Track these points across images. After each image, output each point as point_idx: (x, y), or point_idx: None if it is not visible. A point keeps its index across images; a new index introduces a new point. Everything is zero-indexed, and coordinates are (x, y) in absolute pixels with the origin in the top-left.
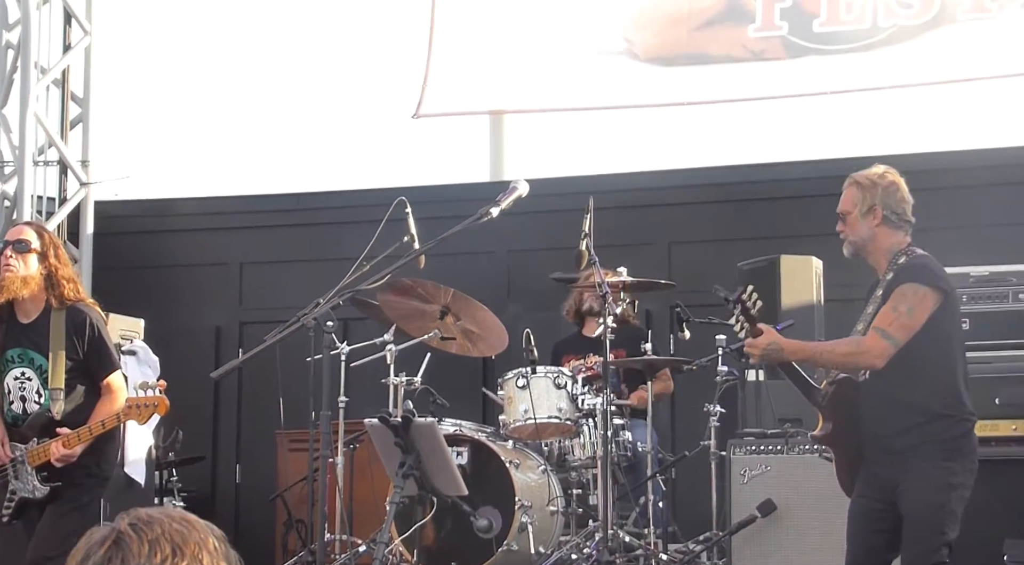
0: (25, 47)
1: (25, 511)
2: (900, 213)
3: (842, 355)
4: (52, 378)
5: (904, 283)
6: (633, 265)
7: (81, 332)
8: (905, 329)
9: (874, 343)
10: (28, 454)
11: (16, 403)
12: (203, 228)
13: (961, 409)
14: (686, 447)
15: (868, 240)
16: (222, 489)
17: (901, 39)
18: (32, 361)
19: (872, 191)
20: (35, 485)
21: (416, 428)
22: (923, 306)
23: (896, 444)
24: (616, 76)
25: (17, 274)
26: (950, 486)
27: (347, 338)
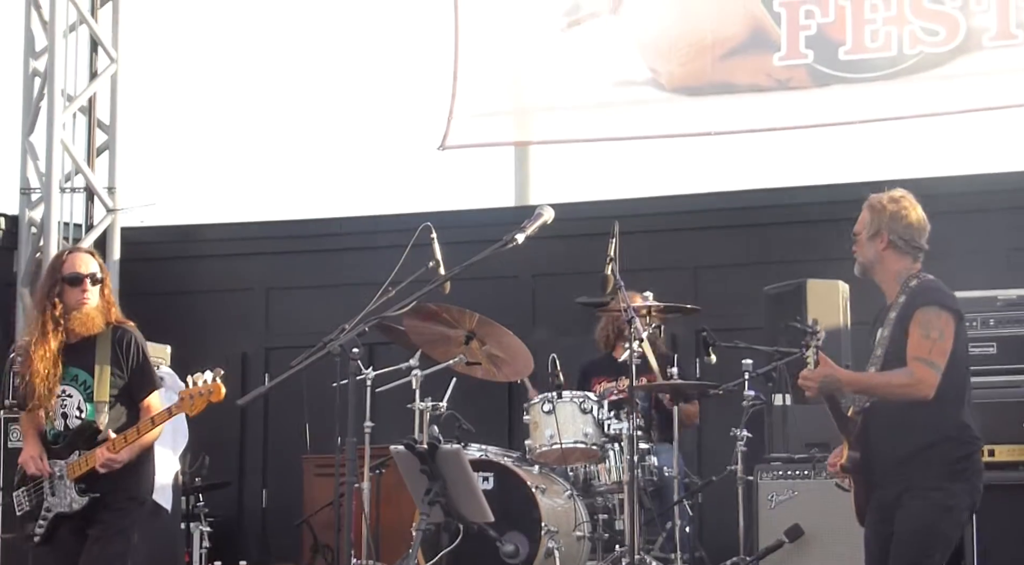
0: (51, 75)
1: (57, 531)
2: (908, 239)
3: (899, 387)
4: (97, 391)
5: (924, 307)
6: (659, 290)
7: (127, 352)
8: (943, 354)
9: (924, 373)
10: (68, 467)
11: (58, 420)
12: (229, 254)
13: (965, 432)
14: (713, 472)
15: (875, 262)
16: (248, 514)
17: (927, 67)
18: (76, 378)
19: (881, 215)
20: (73, 497)
21: (442, 455)
22: (949, 329)
23: (900, 465)
24: (642, 106)
25: (94, 306)
26: (946, 508)
27: (373, 363)
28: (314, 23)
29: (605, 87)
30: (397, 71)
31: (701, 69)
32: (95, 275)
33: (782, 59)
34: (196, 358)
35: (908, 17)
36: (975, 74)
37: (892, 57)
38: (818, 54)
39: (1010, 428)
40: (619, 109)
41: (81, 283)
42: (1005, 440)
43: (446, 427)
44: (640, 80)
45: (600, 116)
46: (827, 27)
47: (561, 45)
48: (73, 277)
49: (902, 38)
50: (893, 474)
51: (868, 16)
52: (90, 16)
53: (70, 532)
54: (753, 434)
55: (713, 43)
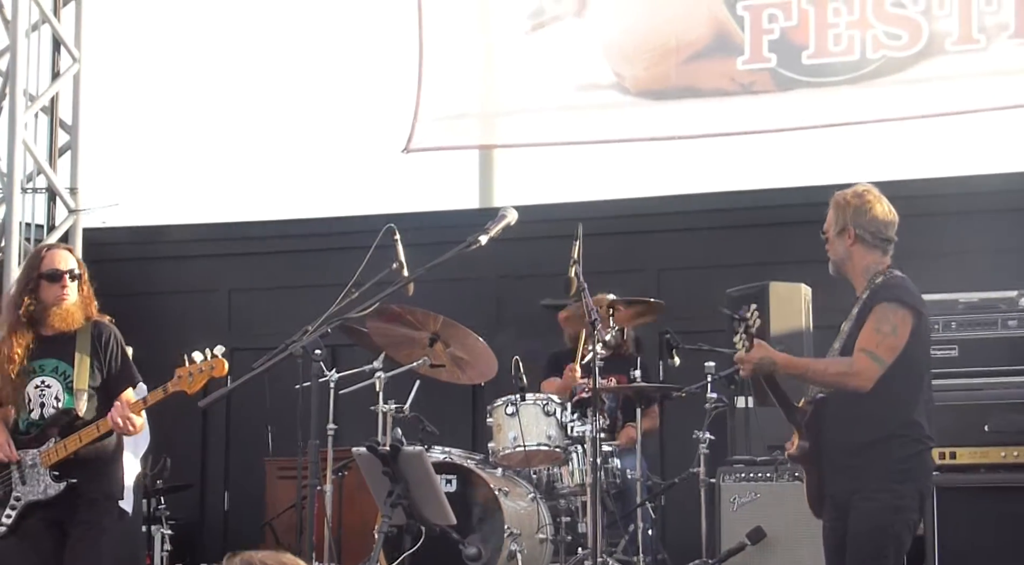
0: (13, 74)
1: (24, 521)
2: (874, 232)
3: (834, 375)
4: (77, 380)
5: (882, 302)
6: (622, 291)
7: (106, 346)
8: (891, 350)
9: (865, 365)
10: (43, 455)
11: (35, 411)
12: (192, 255)
13: (915, 430)
14: (675, 474)
15: (845, 259)
16: (210, 517)
17: (890, 71)
18: (56, 369)
19: (845, 211)
20: (48, 483)
21: (404, 457)
22: (904, 326)
23: (848, 460)
24: (606, 110)
25: (74, 302)
26: (895, 509)
27: (336, 365)
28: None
29: (570, 90)
30: (362, 73)
31: (665, 73)
32: (73, 271)
33: (745, 63)
34: (158, 359)
35: (871, 21)
36: (938, 78)
37: (855, 61)
38: (781, 58)
39: (972, 431)
40: (584, 113)
41: (60, 279)
42: (967, 443)
43: (409, 429)
44: (604, 84)
45: (565, 119)
46: (790, 31)
47: (526, 48)
48: (52, 273)
49: (865, 42)
50: (842, 468)
51: (831, 20)
52: (52, 15)
53: (41, 522)
54: (716, 436)
55: (677, 47)
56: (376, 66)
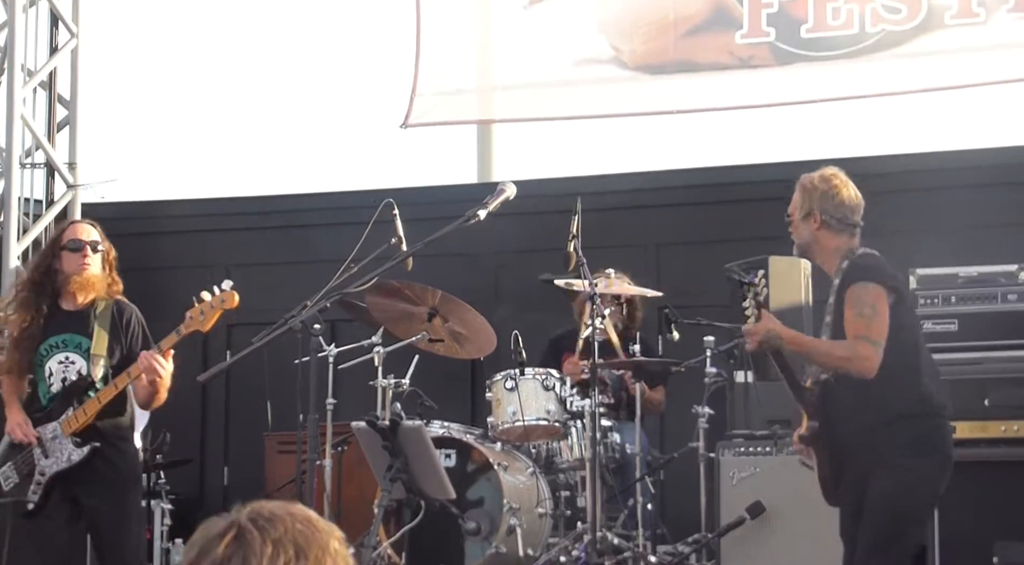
0: (11, 49)
1: (49, 497)
2: (840, 217)
3: (838, 358)
4: (95, 348)
5: (853, 285)
6: (621, 266)
7: (127, 325)
8: (881, 330)
9: (868, 351)
10: (63, 424)
11: (56, 385)
12: (190, 230)
13: (924, 406)
14: (675, 449)
15: (811, 243)
16: (210, 492)
17: (889, 45)
18: (79, 345)
19: (811, 194)
20: (71, 450)
21: (404, 431)
22: (881, 303)
23: (861, 440)
24: (604, 84)
25: (94, 273)
26: (911, 484)
27: (335, 340)
28: None
29: (567, 65)
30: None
31: (663, 47)
32: (96, 243)
33: (744, 37)
34: (157, 334)
35: None
36: (937, 52)
37: (854, 35)
38: (780, 32)
39: (972, 405)
40: (582, 87)
41: (82, 249)
42: (967, 417)
43: (408, 404)
44: (602, 58)
45: (563, 94)
46: (789, 5)
47: (523, 23)
48: (74, 243)
49: (864, 16)
50: (856, 449)
51: None
52: None
53: (64, 500)
54: (715, 411)
55: (675, 21)
56: (374, 40)
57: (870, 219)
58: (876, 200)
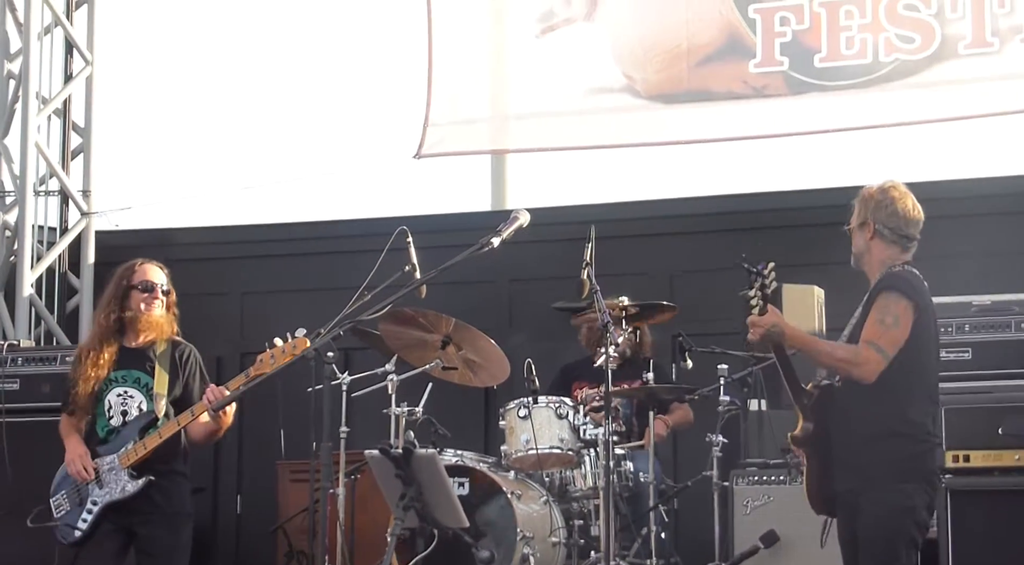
0: (26, 77)
1: (100, 526)
2: (893, 228)
3: (839, 360)
4: (156, 386)
5: (885, 291)
6: (635, 294)
7: (185, 364)
8: (894, 342)
9: (870, 356)
10: (121, 458)
11: (115, 418)
12: (204, 258)
13: (918, 429)
14: (688, 477)
15: (864, 252)
16: (223, 520)
17: (903, 75)
18: (138, 381)
19: (866, 204)
20: (125, 481)
21: (417, 460)
22: (906, 318)
23: (853, 458)
24: (618, 113)
25: (161, 315)
26: (905, 510)
27: (348, 368)
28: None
29: (580, 94)
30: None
31: (677, 76)
32: (164, 286)
33: (758, 66)
34: None
35: (883, 24)
36: (950, 82)
37: (867, 64)
38: (793, 61)
39: (985, 433)
40: (595, 117)
41: (152, 291)
42: (980, 446)
43: (422, 432)
44: (616, 87)
45: (576, 123)
46: (802, 34)
47: (536, 52)
48: (145, 285)
49: (877, 45)
50: (847, 464)
51: (843, 23)
52: (65, 18)
53: (114, 531)
54: (729, 439)
55: (688, 50)
56: (387, 70)
57: None
58: None
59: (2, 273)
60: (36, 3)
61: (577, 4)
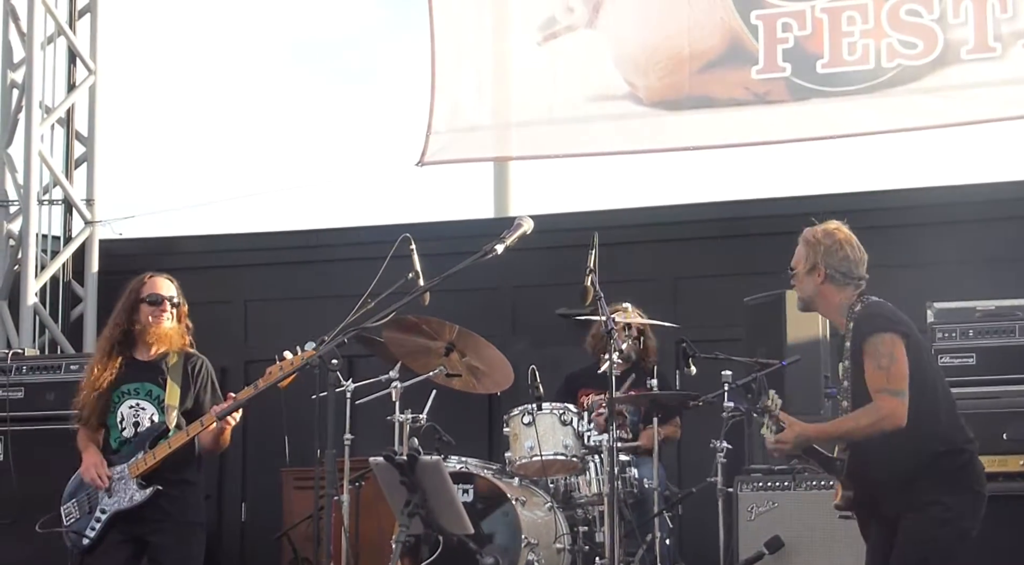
0: (29, 86)
1: (108, 534)
2: (845, 272)
3: (868, 426)
4: (168, 398)
5: (868, 338)
6: (639, 300)
7: (196, 376)
8: (901, 378)
9: (890, 403)
10: (131, 467)
11: (128, 429)
12: (207, 266)
13: (952, 442)
14: (693, 483)
15: (815, 297)
16: (227, 527)
17: (905, 80)
18: (150, 393)
19: (815, 249)
20: (134, 490)
21: (422, 467)
22: (898, 350)
23: (898, 485)
24: (620, 120)
25: (171, 327)
26: (943, 521)
27: (352, 375)
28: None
29: (582, 101)
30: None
31: (679, 83)
32: (173, 299)
33: (760, 72)
34: None
35: (886, 30)
36: (953, 87)
37: (870, 70)
38: (796, 67)
39: (990, 439)
40: (597, 124)
41: (161, 304)
42: (985, 451)
43: (426, 439)
44: (618, 94)
45: (578, 130)
46: (804, 40)
47: (538, 59)
48: (153, 298)
49: (880, 51)
50: (891, 499)
51: (845, 29)
52: (68, 28)
53: (120, 534)
54: (733, 445)
55: (690, 56)
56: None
57: (887, 253)
58: (893, 234)
59: (6, 282)
60: (39, 12)
61: (579, 11)
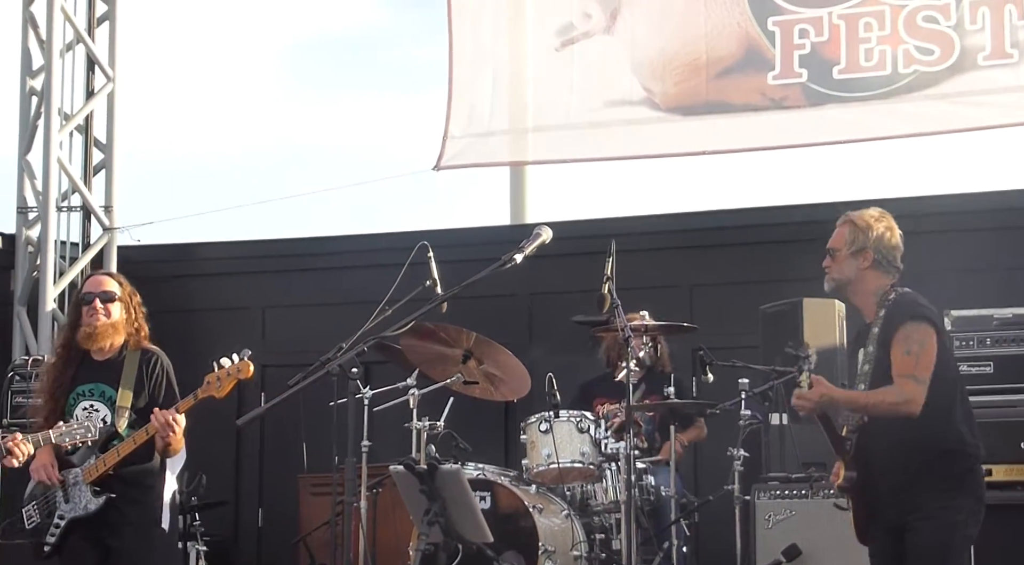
0: (48, 94)
1: (68, 539)
2: (891, 259)
3: (891, 404)
4: (120, 399)
5: (903, 323)
6: (655, 308)
7: (151, 372)
8: (928, 368)
9: (913, 389)
10: (85, 472)
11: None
12: (225, 272)
13: (962, 445)
14: (710, 491)
15: (853, 280)
16: (244, 533)
17: (922, 86)
18: (103, 394)
19: (866, 233)
20: (88, 499)
21: (442, 475)
22: (930, 340)
23: (902, 485)
24: (636, 125)
25: (107, 322)
26: (954, 525)
27: (369, 383)
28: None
29: (599, 107)
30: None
31: (695, 88)
32: (108, 295)
33: (776, 78)
34: (192, 376)
35: (902, 36)
36: (970, 93)
37: (887, 76)
38: (812, 73)
39: (1008, 448)
40: (614, 129)
41: (92, 302)
42: (1003, 460)
43: (443, 446)
44: (634, 100)
45: (595, 136)
46: (821, 46)
47: (555, 65)
48: (86, 297)
49: (896, 57)
50: (895, 492)
51: (862, 35)
52: (87, 35)
53: (83, 539)
54: (750, 453)
55: (707, 62)
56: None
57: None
58: (909, 241)
59: (25, 288)
60: (58, 20)
61: (597, 18)
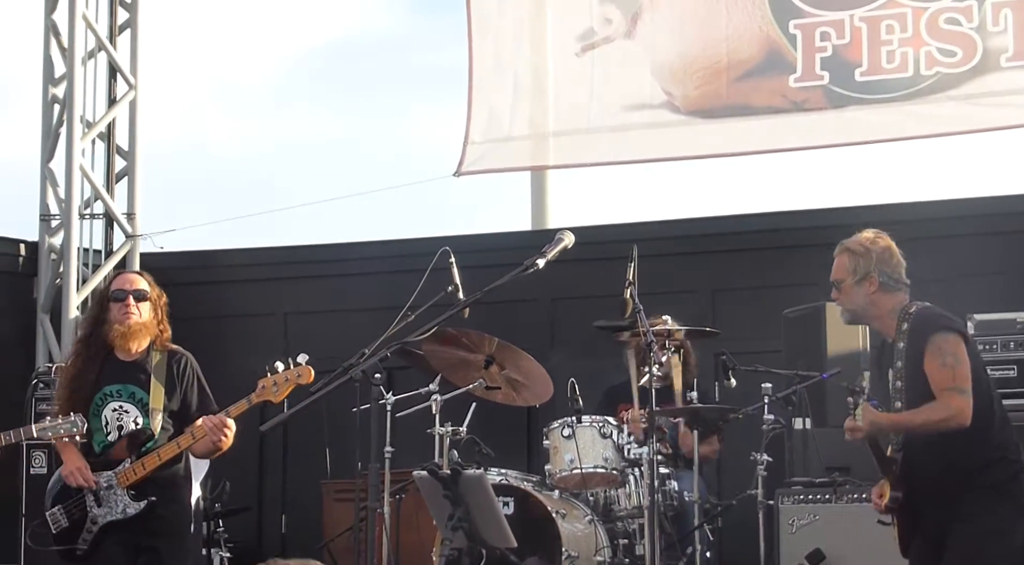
0: (70, 101)
1: (102, 544)
2: (897, 277)
3: (940, 421)
4: (152, 400)
5: (931, 337)
6: (677, 313)
7: (182, 375)
8: (965, 377)
9: (958, 402)
10: (119, 476)
11: (112, 433)
12: (248, 279)
13: (1009, 451)
14: (733, 496)
15: (867, 306)
16: (268, 539)
17: (944, 88)
18: (133, 395)
19: (866, 258)
20: (127, 503)
21: (465, 481)
22: (960, 350)
23: (943, 493)
24: (657, 129)
25: (140, 322)
26: (997, 532)
27: (392, 388)
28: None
29: (619, 111)
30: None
31: (716, 92)
32: (141, 293)
33: (798, 81)
34: (216, 383)
35: (924, 38)
36: (992, 94)
37: (909, 78)
38: (834, 75)
39: None
40: (634, 133)
41: (124, 299)
42: None
43: (466, 452)
44: (655, 103)
45: (615, 140)
46: (843, 48)
47: (576, 69)
48: (117, 294)
49: (918, 59)
50: (936, 508)
51: (884, 37)
52: (108, 43)
53: (117, 544)
54: (773, 458)
55: (728, 66)
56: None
57: (925, 264)
58: (931, 244)
59: (48, 295)
60: (80, 28)
61: (617, 22)
